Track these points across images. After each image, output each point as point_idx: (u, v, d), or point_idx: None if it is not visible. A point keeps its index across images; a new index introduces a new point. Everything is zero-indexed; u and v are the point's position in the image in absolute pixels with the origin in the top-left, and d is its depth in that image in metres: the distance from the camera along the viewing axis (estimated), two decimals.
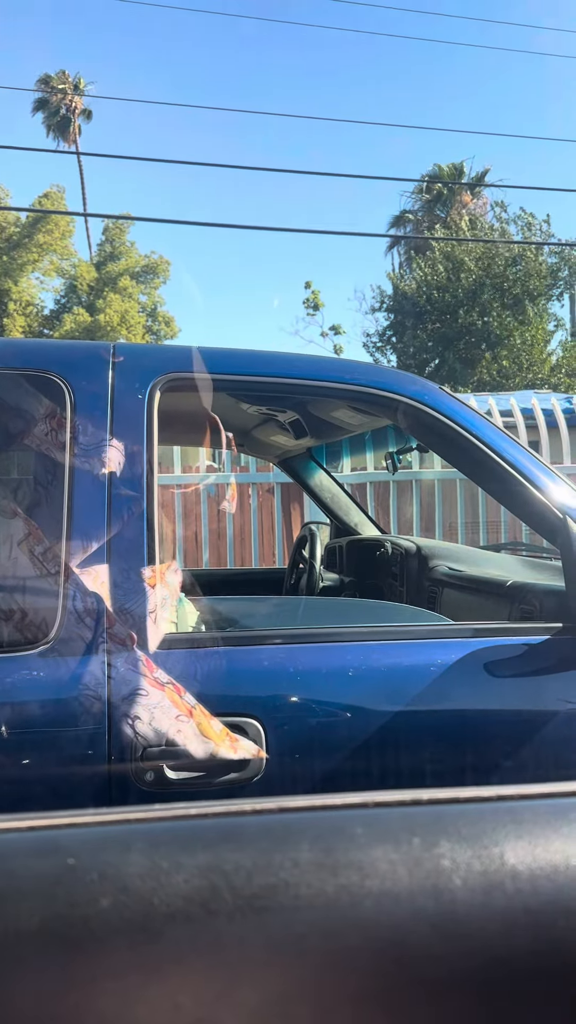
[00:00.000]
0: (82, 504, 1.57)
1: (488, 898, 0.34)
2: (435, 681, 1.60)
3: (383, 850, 0.35)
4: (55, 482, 1.60)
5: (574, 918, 0.33)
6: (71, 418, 1.62)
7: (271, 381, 1.79)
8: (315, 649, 1.62)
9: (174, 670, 1.51)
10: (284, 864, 0.35)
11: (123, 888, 0.35)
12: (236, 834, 0.37)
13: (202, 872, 0.35)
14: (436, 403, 1.80)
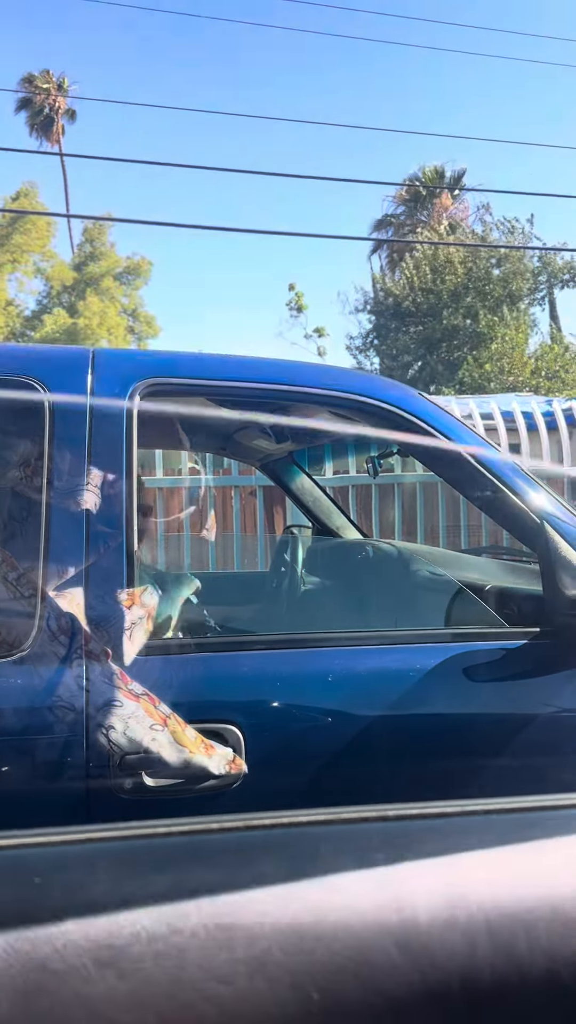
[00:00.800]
0: (60, 507, 1.56)
1: (451, 914, 0.34)
2: (415, 686, 1.61)
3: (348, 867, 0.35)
4: (32, 488, 1.59)
5: (535, 934, 0.34)
6: (49, 424, 1.61)
7: (250, 387, 1.79)
8: (294, 654, 1.62)
9: (152, 677, 1.51)
10: (249, 882, 0.35)
11: (89, 906, 0.35)
12: (202, 852, 0.37)
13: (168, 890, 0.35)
14: (415, 408, 1.81)
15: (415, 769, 1.60)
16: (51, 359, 1.72)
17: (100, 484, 1.60)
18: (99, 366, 1.70)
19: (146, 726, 1.43)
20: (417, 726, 1.61)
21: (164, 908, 0.35)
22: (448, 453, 1.80)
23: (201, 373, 1.76)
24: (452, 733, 1.63)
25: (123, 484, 1.61)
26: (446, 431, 1.80)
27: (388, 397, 1.81)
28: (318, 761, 1.54)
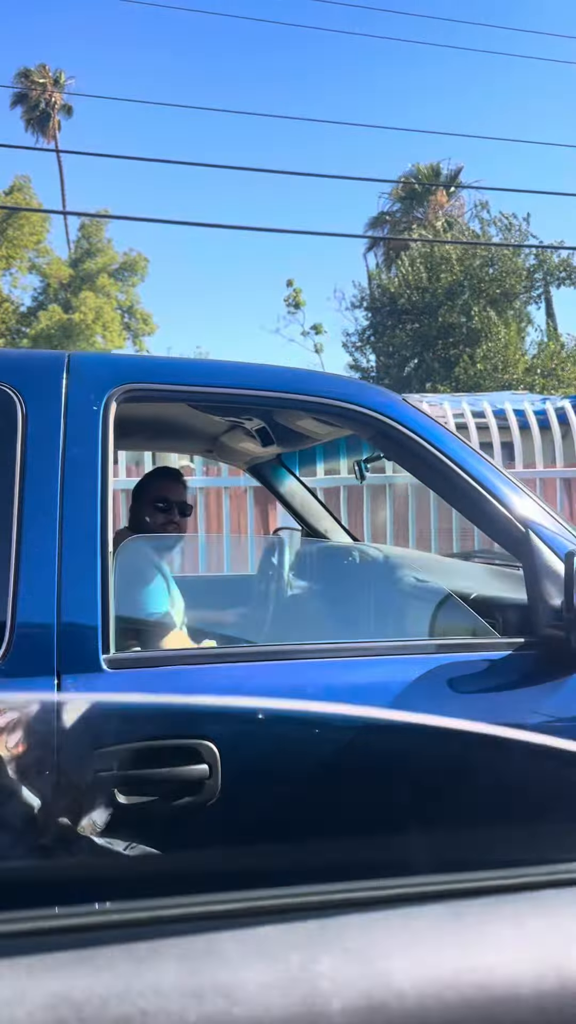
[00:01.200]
0: (33, 517, 1.52)
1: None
2: (397, 699, 1.57)
3: (256, 970, 0.32)
4: (3, 495, 1.55)
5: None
6: (22, 431, 1.58)
7: (229, 392, 1.75)
8: (273, 667, 1.59)
9: (125, 690, 1.48)
10: (144, 991, 0.31)
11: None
12: (92, 955, 0.33)
13: (49, 1003, 0.31)
14: (398, 415, 1.78)
15: (398, 788, 1.56)
16: (25, 364, 1.68)
17: (76, 493, 1.56)
18: (75, 371, 1.66)
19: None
20: (400, 743, 1.58)
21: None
22: (432, 460, 1.77)
23: (179, 378, 1.72)
24: (435, 751, 1.59)
25: (99, 492, 1.57)
26: (430, 438, 1.77)
27: (371, 403, 1.78)
28: (296, 780, 1.50)
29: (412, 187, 28.36)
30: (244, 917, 0.36)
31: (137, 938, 0.34)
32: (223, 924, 0.36)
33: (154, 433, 2.93)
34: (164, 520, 2.54)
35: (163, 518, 2.54)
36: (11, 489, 1.54)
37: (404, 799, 1.57)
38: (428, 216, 28.29)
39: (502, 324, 21.26)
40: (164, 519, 2.53)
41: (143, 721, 1.47)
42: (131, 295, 29.16)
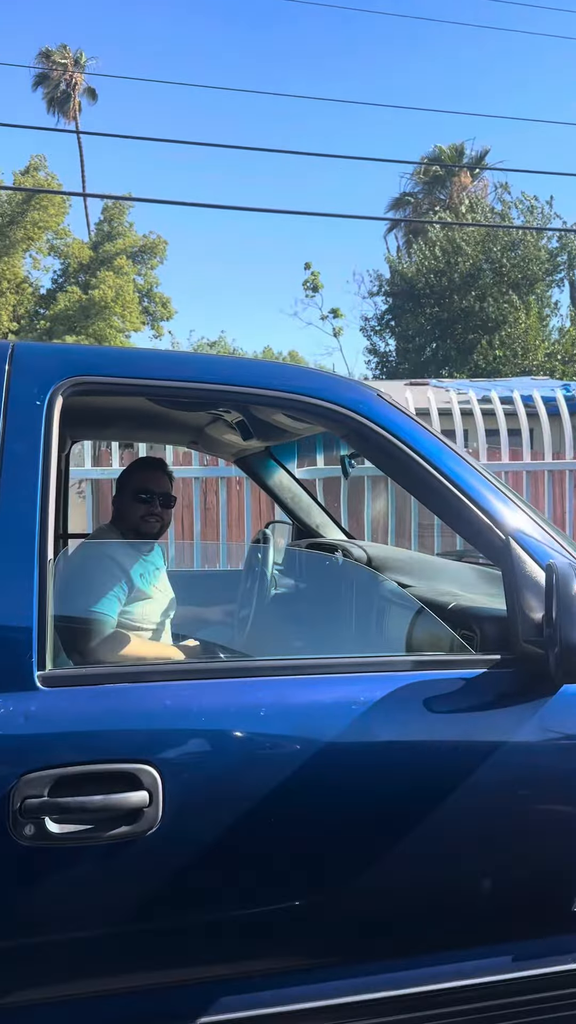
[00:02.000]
0: None
1: None
2: (360, 721, 1.45)
3: None
4: None
5: None
6: None
7: (190, 387, 1.62)
8: (223, 685, 1.47)
9: (60, 710, 1.37)
10: None
11: None
12: None
13: None
14: (373, 413, 1.64)
15: (356, 816, 1.45)
16: None
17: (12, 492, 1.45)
18: (18, 362, 1.54)
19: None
20: (364, 770, 1.46)
21: None
22: (408, 463, 1.63)
23: (131, 371, 1.60)
24: (400, 779, 1.47)
25: (39, 492, 1.46)
26: (406, 438, 1.64)
27: (343, 400, 1.65)
28: (246, 808, 1.39)
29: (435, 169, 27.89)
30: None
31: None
32: None
33: (135, 424, 2.81)
34: (145, 512, 2.45)
35: (144, 509, 2.45)
36: None
37: (367, 830, 1.46)
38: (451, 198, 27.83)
39: (522, 309, 20.89)
40: (145, 510, 2.45)
41: (79, 744, 1.36)
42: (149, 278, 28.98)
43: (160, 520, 2.48)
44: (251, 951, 1.44)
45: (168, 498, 2.50)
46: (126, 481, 2.53)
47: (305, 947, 1.47)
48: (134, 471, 2.56)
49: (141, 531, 2.46)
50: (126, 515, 2.48)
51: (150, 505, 2.45)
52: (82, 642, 2.11)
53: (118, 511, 2.54)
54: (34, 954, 1.33)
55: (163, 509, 2.48)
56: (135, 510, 2.46)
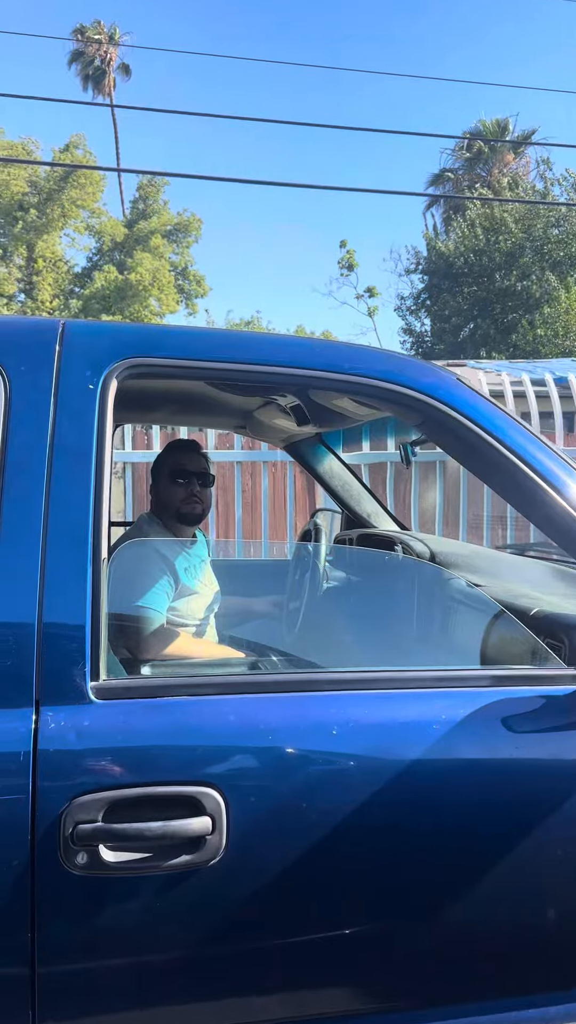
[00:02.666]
0: (13, 514, 1.29)
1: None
2: (439, 742, 1.31)
3: None
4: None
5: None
6: (4, 413, 1.34)
7: (251, 370, 1.48)
8: (290, 700, 1.34)
9: (115, 725, 1.25)
10: None
11: None
12: None
13: None
14: (452, 399, 1.49)
15: (437, 849, 1.31)
16: (10, 334, 1.43)
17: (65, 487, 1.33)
18: (69, 342, 1.41)
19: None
20: (443, 794, 1.32)
21: None
22: (490, 453, 1.48)
23: (190, 352, 1.46)
24: (486, 801, 1.33)
25: (92, 486, 1.33)
26: (489, 427, 1.48)
27: (419, 384, 1.49)
28: (317, 837, 1.26)
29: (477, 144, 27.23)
30: None
31: None
32: None
33: (179, 406, 2.68)
34: (185, 494, 2.36)
35: (184, 492, 2.36)
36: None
37: (447, 860, 1.32)
38: (492, 174, 27.18)
39: (563, 288, 20.36)
40: (185, 493, 2.36)
41: (136, 763, 1.23)
42: (185, 256, 28.78)
43: (200, 502, 2.39)
44: (323, 992, 1.32)
45: (206, 477, 2.41)
46: (161, 466, 2.44)
47: (383, 988, 1.35)
48: (167, 455, 2.46)
49: (182, 514, 2.37)
50: (166, 500, 2.39)
51: (189, 486, 2.36)
52: (130, 639, 2.01)
53: (157, 498, 2.44)
54: (85, 993, 1.22)
55: (202, 489, 2.38)
56: (174, 494, 2.36)
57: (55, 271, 27.09)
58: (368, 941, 1.31)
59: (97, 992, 1.23)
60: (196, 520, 2.41)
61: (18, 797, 1.18)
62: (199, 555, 2.45)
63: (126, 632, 1.99)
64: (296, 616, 2.56)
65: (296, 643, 2.49)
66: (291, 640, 2.51)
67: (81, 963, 1.22)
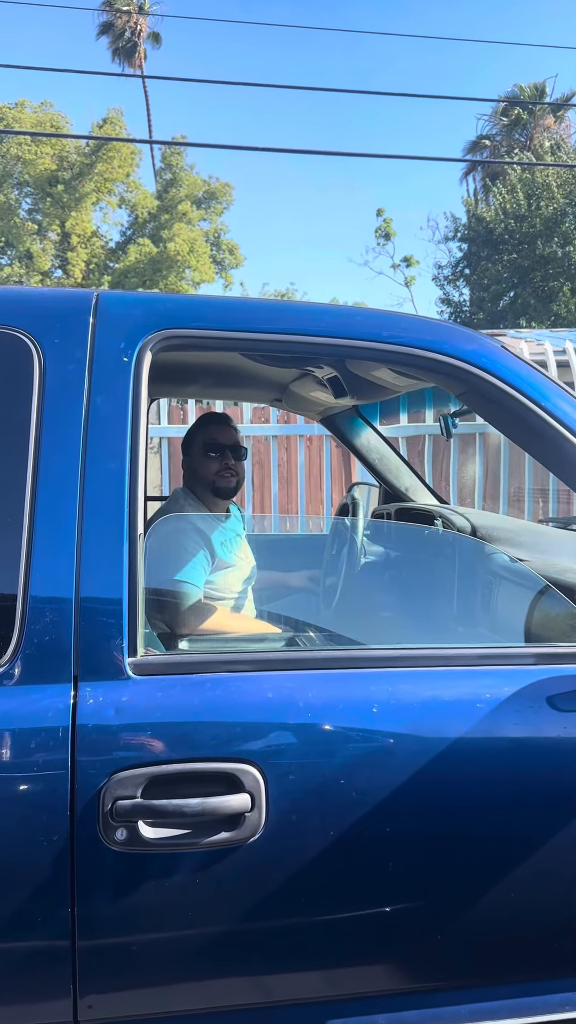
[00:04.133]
0: (49, 489, 1.28)
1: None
2: (483, 722, 1.28)
3: None
4: (16, 462, 1.30)
5: None
6: (39, 387, 1.32)
7: (289, 341, 1.44)
8: (330, 677, 1.32)
9: (154, 701, 1.24)
10: None
11: None
12: None
13: None
14: (497, 368, 1.44)
15: (482, 830, 1.29)
16: (44, 306, 1.41)
17: (100, 460, 1.31)
18: (103, 313, 1.39)
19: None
20: (487, 774, 1.29)
21: None
22: (537, 425, 1.43)
23: (225, 323, 1.42)
24: (532, 787, 1.30)
25: (127, 459, 1.31)
26: (536, 396, 1.43)
27: (463, 353, 1.44)
28: (357, 816, 1.24)
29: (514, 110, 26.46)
30: None
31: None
32: None
33: (214, 379, 2.65)
34: (219, 467, 2.34)
35: (217, 465, 2.34)
36: (24, 456, 1.30)
37: (492, 841, 1.30)
38: (530, 139, 26.41)
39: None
40: (219, 465, 2.34)
41: (175, 740, 1.22)
42: (216, 224, 28.49)
43: (235, 474, 2.37)
44: (360, 970, 1.31)
45: (239, 450, 2.39)
46: (192, 440, 2.42)
47: (425, 969, 1.33)
48: (199, 428, 2.44)
49: (218, 487, 2.35)
50: (200, 474, 2.37)
51: (222, 459, 2.34)
52: (168, 614, 2.00)
53: (190, 471, 2.42)
54: (124, 967, 1.23)
55: (235, 462, 2.37)
56: (208, 467, 2.35)
57: (89, 246, 27.06)
58: (406, 920, 1.29)
59: (136, 966, 1.23)
60: (231, 493, 2.40)
61: (58, 773, 1.18)
62: (234, 529, 2.44)
63: (163, 607, 1.98)
64: (334, 591, 2.54)
65: (334, 618, 2.47)
66: (329, 615, 2.49)
67: (120, 938, 1.22)
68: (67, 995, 1.20)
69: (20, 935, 1.19)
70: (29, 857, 1.17)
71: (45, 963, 1.20)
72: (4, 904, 1.17)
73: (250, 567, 2.44)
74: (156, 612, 1.94)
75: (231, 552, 2.35)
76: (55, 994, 1.20)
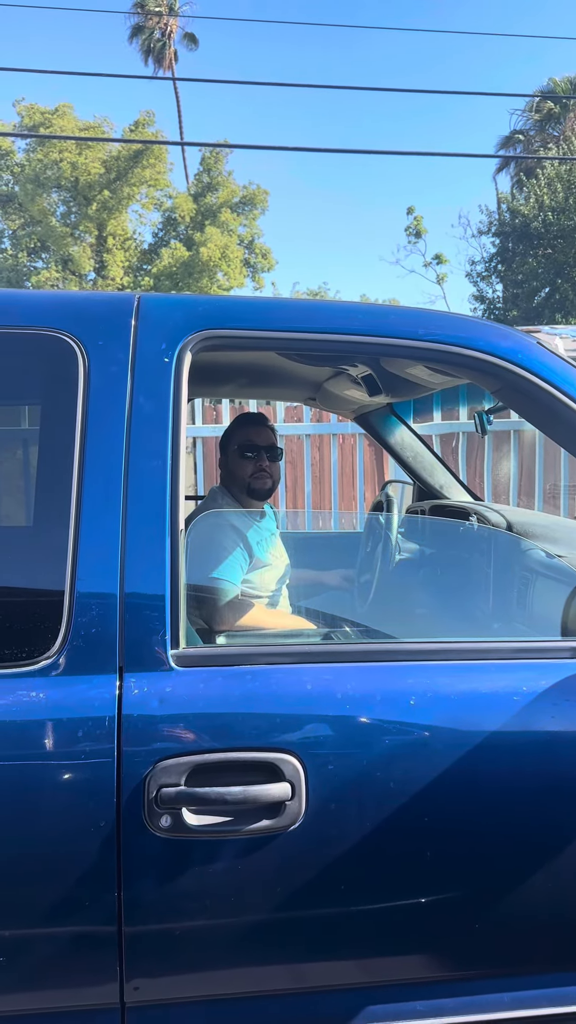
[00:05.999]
0: (94, 486, 1.32)
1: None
2: (519, 715, 1.30)
3: None
4: (63, 461, 1.35)
5: None
6: (84, 387, 1.37)
7: (325, 340, 1.47)
8: (367, 670, 1.34)
9: (196, 692, 1.27)
10: None
11: None
12: None
13: None
14: (533, 364, 1.45)
15: (520, 826, 1.30)
16: (88, 310, 1.45)
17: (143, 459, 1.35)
18: (145, 315, 1.43)
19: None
20: (524, 767, 1.30)
21: None
22: (572, 418, 1.44)
23: (262, 323, 1.45)
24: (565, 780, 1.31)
25: (169, 458, 1.35)
26: (571, 391, 1.44)
27: (499, 349, 1.46)
28: (395, 807, 1.26)
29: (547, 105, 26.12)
30: None
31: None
32: None
33: (249, 378, 2.68)
34: (254, 468, 2.37)
35: (253, 466, 2.36)
36: (70, 455, 1.34)
37: (527, 834, 1.31)
38: (565, 131, 26.07)
39: None
40: (254, 467, 2.37)
41: (217, 729, 1.26)
42: (252, 228, 28.59)
43: (270, 476, 2.39)
44: (401, 959, 1.33)
45: (275, 451, 2.40)
46: (229, 440, 2.44)
47: (462, 957, 1.35)
48: (235, 429, 2.46)
49: (253, 488, 2.38)
50: (235, 474, 2.40)
51: (258, 460, 2.36)
52: (205, 609, 2.04)
53: (226, 471, 2.45)
54: (169, 952, 1.26)
55: (271, 463, 2.38)
56: (243, 468, 2.37)
57: (124, 249, 27.32)
58: (443, 909, 1.31)
59: (180, 951, 1.26)
60: (266, 494, 2.42)
61: (104, 761, 1.21)
62: (268, 528, 2.47)
63: (201, 603, 2.02)
64: (368, 588, 2.56)
65: (369, 615, 2.49)
66: (364, 612, 2.51)
67: (165, 922, 1.25)
68: (114, 978, 1.23)
69: (70, 919, 1.23)
70: (78, 843, 1.21)
71: (93, 946, 1.24)
72: (55, 888, 1.21)
73: (284, 565, 2.46)
74: (194, 608, 1.97)
75: (266, 551, 2.38)
76: (102, 977, 1.24)
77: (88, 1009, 1.27)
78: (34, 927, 1.23)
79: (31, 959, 1.24)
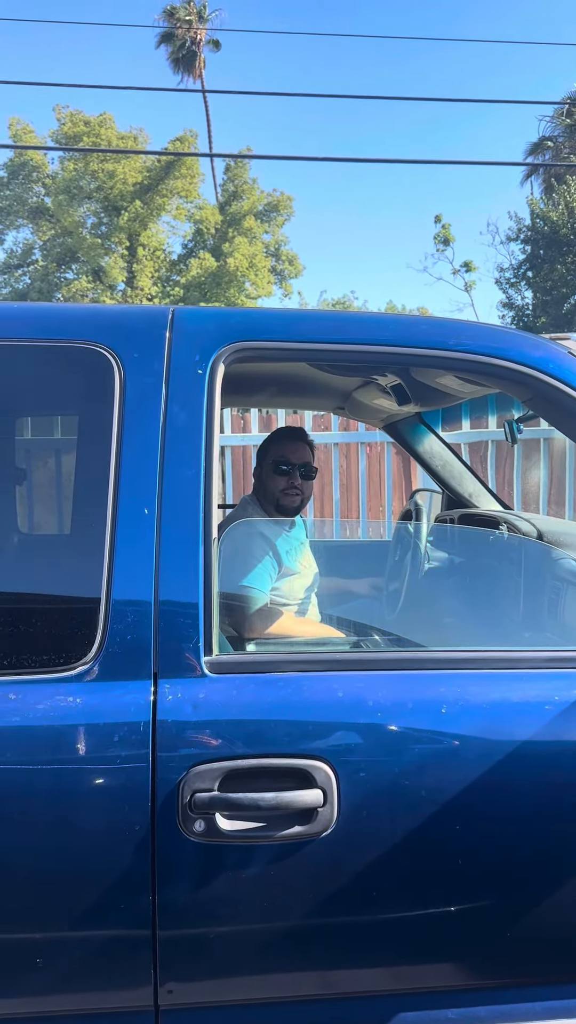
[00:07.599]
0: (130, 495, 1.35)
1: None
2: (552, 724, 1.30)
3: None
4: (99, 471, 1.38)
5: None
6: (120, 398, 1.39)
7: (356, 350, 1.48)
8: (399, 678, 1.35)
9: (229, 698, 1.29)
10: None
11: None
12: None
13: None
14: (564, 374, 1.45)
15: (549, 832, 1.30)
16: (123, 322, 1.48)
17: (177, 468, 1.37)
18: (179, 328, 1.45)
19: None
20: (556, 777, 1.30)
21: None
22: None
23: (293, 335, 1.47)
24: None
25: (202, 468, 1.37)
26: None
27: (529, 359, 1.46)
28: (427, 814, 1.27)
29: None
30: None
31: None
32: None
33: (278, 388, 2.70)
34: (286, 484, 2.36)
35: (284, 482, 2.36)
36: (106, 464, 1.37)
37: (560, 843, 1.31)
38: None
39: None
40: (286, 483, 2.36)
41: (250, 736, 1.27)
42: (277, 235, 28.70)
43: (300, 493, 2.38)
44: (433, 966, 1.33)
45: (309, 470, 2.39)
46: (265, 452, 2.45)
47: (495, 966, 1.35)
48: (272, 442, 2.47)
49: (281, 504, 2.37)
50: (267, 487, 2.40)
51: (290, 477, 2.36)
52: (235, 617, 2.06)
53: (259, 482, 2.46)
54: (203, 956, 1.28)
55: (303, 481, 2.38)
56: (275, 483, 2.37)
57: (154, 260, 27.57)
58: (475, 918, 1.31)
59: (213, 955, 1.28)
60: (294, 512, 2.41)
61: (140, 766, 1.24)
62: (298, 537, 2.48)
63: (231, 610, 2.04)
64: (397, 597, 2.56)
65: (398, 623, 2.49)
66: (392, 620, 2.51)
67: (198, 927, 1.27)
68: (148, 981, 1.25)
69: (105, 922, 1.25)
70: (113, 847, 1.23)
71: (127, 949, 1.26)
72: (91, 892, 1.23)
73: (313, 574, 2.47)
74: (224, 616, 1.99)
75: (295, 559, 2.39)
76: (137, 979, 1.26)
77: (123, 1011, 1.28)
78: (70, 930, 1.25)
79: (68, 961, 1.26)
